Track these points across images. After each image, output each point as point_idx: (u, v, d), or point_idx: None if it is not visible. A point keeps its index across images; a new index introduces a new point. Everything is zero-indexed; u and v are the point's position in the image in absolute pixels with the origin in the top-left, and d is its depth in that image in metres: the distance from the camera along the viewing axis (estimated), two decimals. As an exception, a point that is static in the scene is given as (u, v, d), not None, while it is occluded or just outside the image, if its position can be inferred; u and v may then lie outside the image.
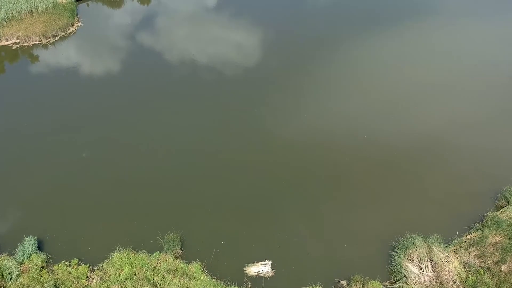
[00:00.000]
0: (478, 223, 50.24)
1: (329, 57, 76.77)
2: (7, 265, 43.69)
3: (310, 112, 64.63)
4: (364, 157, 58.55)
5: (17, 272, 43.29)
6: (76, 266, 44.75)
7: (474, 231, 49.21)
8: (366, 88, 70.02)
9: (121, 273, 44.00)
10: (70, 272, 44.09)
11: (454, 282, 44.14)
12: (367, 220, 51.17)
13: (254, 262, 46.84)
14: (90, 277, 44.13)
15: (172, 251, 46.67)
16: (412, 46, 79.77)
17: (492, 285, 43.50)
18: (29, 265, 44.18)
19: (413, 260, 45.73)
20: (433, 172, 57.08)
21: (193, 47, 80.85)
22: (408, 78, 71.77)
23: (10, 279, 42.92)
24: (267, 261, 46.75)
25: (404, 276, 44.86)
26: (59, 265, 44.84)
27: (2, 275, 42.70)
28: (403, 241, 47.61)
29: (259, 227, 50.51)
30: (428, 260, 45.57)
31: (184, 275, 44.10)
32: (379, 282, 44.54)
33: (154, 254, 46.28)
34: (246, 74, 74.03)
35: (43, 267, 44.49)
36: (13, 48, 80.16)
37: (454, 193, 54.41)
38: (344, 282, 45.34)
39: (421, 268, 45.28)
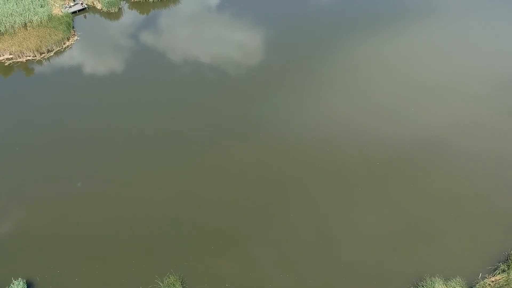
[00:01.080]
0: (503, 263, 46.57)
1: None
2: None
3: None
4: (373, 186, 55.02)
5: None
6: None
7: (499, 273, 45.53)
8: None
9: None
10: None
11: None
12: (383, 262, 47.59)
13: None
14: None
15: (172, 298, 43.10)
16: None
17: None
18: (17, 315, 40.62)
19: (434, 308, 42.16)
20: (453, 204, 53.49)
21: (195, 59, 77.30)
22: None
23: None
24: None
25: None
26: (50, 315, 41.28)
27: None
28: (422, 286, 43.90)
29: (269, 266, 46.96)
30: (451, 307, 42.00)
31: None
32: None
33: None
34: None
35: (32, 317, 40.86)
36: (6, 64, 76.49)
37: (474, 229, 50.89)
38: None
39: (443, 317, 41.70)
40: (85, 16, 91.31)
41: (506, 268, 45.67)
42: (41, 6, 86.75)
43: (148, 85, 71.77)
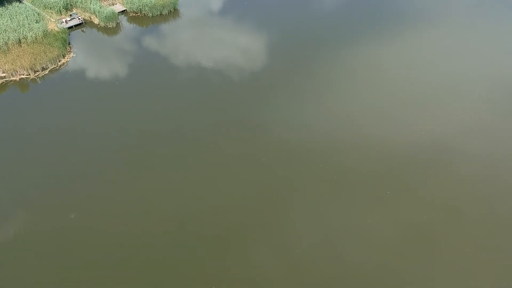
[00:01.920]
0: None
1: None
2: None
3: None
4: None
5: None
6: None
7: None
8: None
9: None
10: None
11: None
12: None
13: None
14: None
15: None
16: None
17: None
18: None
19: None
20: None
21: (195, 73, 74.39)
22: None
23: None
24: None
25: None
26: None
27: None
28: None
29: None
30: None
31: None
32: None
33: None
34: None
35: None
36: (-1, 83, 73.62)
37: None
38: None
39: None
40: (83, 31, 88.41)
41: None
42: (36, 22, 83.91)
43: (146, 106, 68.74)
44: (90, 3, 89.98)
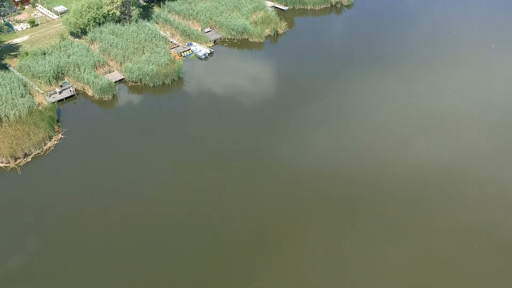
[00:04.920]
0: None
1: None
2: None
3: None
4: None
5: None
6: None
7: None
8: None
9: None
10: None
11: None
12: None
13: None
14: None
15: None
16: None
17: None
18: None
19: None
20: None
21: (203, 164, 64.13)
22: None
23: None
24: None
25: None
26: None
27: None
28: None
29: None
30: None
31: None
32: None
33: None
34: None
35: None
36: (-28, 174, 63.26)
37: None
38: None
39: None
40: (75, 103, 78.39)
41: None
42: (22, 96, 73.87)
43: (150, 210, 58.06)
44: (84, 72, 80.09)
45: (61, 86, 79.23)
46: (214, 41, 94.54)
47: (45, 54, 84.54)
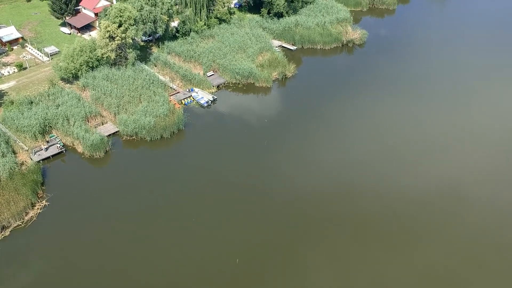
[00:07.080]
0: None
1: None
2: None
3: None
4: None
5: None
6: None
7: None
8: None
9: None
10: None
11: None
12: None
13: None
14: None
15: None
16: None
17: None
18: None
19: None
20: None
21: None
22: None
23: None
24: None
25: None
26: None
27: None
28: None
29: None
30: None
31: None
32: None
33: None
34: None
35: None
36: None
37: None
38: None
39: None
40: (63, 160, 70.37)
41: None
42: (2, 155, 65.85)
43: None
44: (74, 125, 72.21)
45: (47, 141, 71.27)
46: (217, 86, 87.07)
47: (32, 103, 76.87)
